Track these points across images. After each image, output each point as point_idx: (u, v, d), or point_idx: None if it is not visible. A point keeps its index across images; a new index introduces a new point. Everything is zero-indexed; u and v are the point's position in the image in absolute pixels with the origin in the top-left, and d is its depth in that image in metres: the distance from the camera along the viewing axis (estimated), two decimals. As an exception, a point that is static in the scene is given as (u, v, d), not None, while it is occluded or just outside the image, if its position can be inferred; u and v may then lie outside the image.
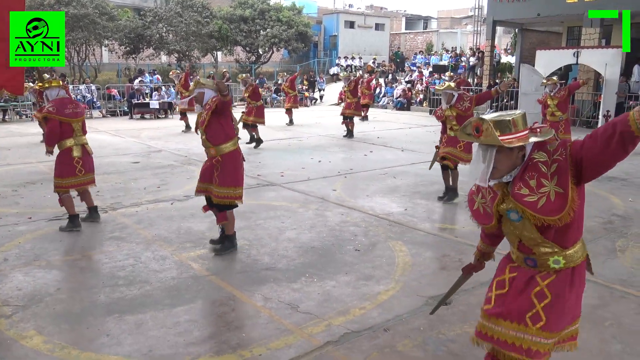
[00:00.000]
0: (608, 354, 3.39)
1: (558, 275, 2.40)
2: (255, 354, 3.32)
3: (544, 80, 9.47)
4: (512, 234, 2.47)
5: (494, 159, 2.30)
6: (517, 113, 2.34)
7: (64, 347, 3.39)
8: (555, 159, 2.27)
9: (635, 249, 5.35)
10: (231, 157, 4.96)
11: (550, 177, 2.26)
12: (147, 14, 24.86)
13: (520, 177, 2.34)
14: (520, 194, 2.31)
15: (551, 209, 2.25)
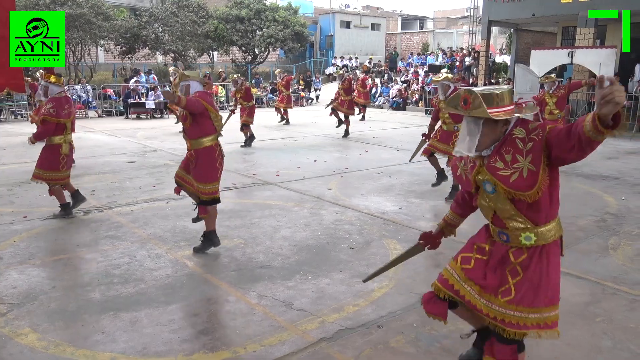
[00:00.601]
0: (599, 349, 3.43)
1: (529, 252, 2.50)
2: (249, 351, 3.34)
3: (542, 78, 9.51)
4: (487, 207, 2.56)
5: (480, 131, 2.39)
6: (505, 88, 2.41)
7: (58, 345, 3.41)
8: (532, 137, 2.36)
9: (627, 246, 5.40)
10: (205, 153, 4.88)
11: (525, 154, 2.35)
12: (142, 13, 24.81)
13: (497, 150, 2.43)
14: (494, 167, 2.41)
15: (522, 184, 2.35)
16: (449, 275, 2.70)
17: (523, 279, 2.51)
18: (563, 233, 2.64)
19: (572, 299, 4.15)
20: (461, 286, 2.64)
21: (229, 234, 5.65)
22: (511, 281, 2.51)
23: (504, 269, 2.55)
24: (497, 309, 2.54)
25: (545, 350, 3.40)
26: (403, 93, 22.73)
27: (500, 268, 2.56)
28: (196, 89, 4.89)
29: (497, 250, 2.60)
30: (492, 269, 2.58)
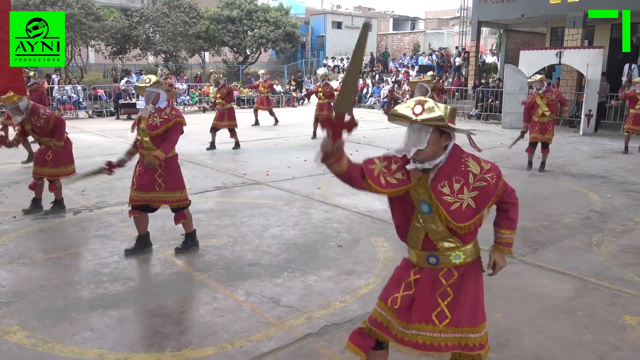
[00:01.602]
0: (580, 342, 3.51)
1: (459, 272, 2.50)
2: (237, 346, 3.39)
3: (530, 79, 9.43)
4: (419, 228, 2.46)
5: (427, 140, 2.33)
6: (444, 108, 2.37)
7: (47, 342, 3.44)
8: (485, 177, 2.39)
9: (610, 243, 5.49)
10: (174, 161, 4.97)
11: (470, 189, 2.37)
12: (133, 14, 24.75)
13: (447, 175, 2.38)
14: (441, 191, 2.37)
15: (460, 216, 2.36)
16: (378, 314, 2.61)
17: (454, 299, 2.48)
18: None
19: (554, 295, 4.24)
20: (390, 325, 2.56)
21: (218, 233, 5.69)
22: (442, 304, 2.48)
23: (434, 294, 2.49)
24: (440, 335, 2.48)
25: (527, 344, 3.48)
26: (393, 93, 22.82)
27: (431, 294, 2.50)
28: (164, 99, 4.91)
29: (426, 278, 2.51)
30: (420, 301, 2.50)
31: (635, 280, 4.52)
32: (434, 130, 2.34)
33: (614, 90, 15.52)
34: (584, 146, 12.67)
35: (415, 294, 2.50)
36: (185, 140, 12.75)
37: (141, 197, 4.94)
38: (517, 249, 5.27)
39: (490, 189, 2.39)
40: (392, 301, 2.54)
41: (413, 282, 2.53)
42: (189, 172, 8.92)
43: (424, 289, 2.49)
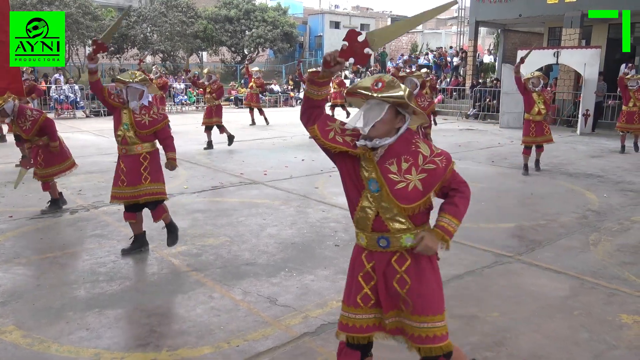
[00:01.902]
0: (576, 341, 3.51)
1: (412, 257, 2.43)
2: (233, 346, 3.39)
3: (528, 75, 9.28)
4: (369, 208, 2.41)
5: (382, 117, 2.31)
6: (404, 88, 2.34)
7: (43, 341, 3.43)
8: (434, 160, 2.35)
9: (607, 242, 5.50)
10: (157, 154, 5.01)
11: (419, 171, 2.33)
12: (131, 13, 24.74)
13: (397, 154, 2.35)
14: (388, 168, 2.34)
15: (404, 196, 2.32)
16: (348, 319, 2.53)
17: (414, 287, 2.42)
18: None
19: (551, 294, 4.24)
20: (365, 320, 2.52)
21: (215, 232, 5.69)
22: (402, 292, 2.42)
23: (392, 282, 2.45)
24: (407, 322, 2.46)
25: (523, 343, 3.48)
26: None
27: (389, 282, 2.46)
28: (147, 96, 4.93)
29: (380, 262, 2.46)
30: (381, 289, 2.47)
31: (632, 279, 4.53)
32: (390, 109, 2.32)
33: (611, 90, 15.54)
34: (581, 146, 12.70)
35: (377, 283, 2.48)
36: (183, 139, 12.76)
37: (130, 193, 4.89)
38: (514, 248, 5.29)
39: (439, 172, 2.34)
40: (364, 300, 2.49)
41: (371, 270, 2.48)
42: (186, 171, 8.93)
43: (381, 277, 2.46)
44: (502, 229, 5.94)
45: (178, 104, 21.87)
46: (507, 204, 7.01)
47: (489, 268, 4.76)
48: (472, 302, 4.07)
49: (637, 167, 9.58)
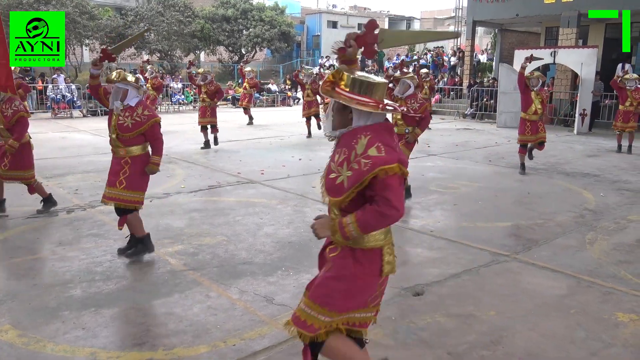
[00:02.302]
0: (572, 340, 3.51)
1: (342, 250, 2.40)
2: (229, 345, 3.38)
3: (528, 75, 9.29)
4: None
5: (333, 109, 2.38)
6: (381, 81, 2.30)
7: (39, 341, 3.42)
8: (359, 160, 2.24)
9: (603, 241, 5.51)
10: (140, 161, 4.76)
11: (348, 167, 2.27)
12: (128, 13, 24.73)
13: (342, 144, 2.35)
14: (333, 156, 2.40)
15: (331, 187, 2.35)
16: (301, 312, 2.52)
17: (323, 274, 2.44)
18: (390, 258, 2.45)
19: (548, 292, 4.25)
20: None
21: (212, 232, 5.68)
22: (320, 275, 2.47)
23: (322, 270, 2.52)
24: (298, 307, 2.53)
25: (519, 341, 3.48)
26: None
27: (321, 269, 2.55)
28: (133, 96, 4.69)
29: (323, 249, 2.58)
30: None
31: (628, 277, 4.54)
32: (336, 102, 2.36)
33: (608, 89, 15.56)
34: (578, 145, 12.72)
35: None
36: (180, 139, 12.75)
37: (107, 194, 4.79)
38: (511, 247, 5.30)
39: (358, 174, 2.22)
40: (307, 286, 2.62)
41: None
42: (184, 171, 8.92)
43: (320, 265, 2.59)
44: (499, 228, 5.95)
45: (175, 103, 21.84)
46: (504, 203, 7.02)
47: (486, 267, 4.76)
48: (469, 300, 4.07)
49: (633, 167, 9.61)
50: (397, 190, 2.22)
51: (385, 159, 2.19)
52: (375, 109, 2.23)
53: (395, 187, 2.22)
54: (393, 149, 2.25)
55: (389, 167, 2.18)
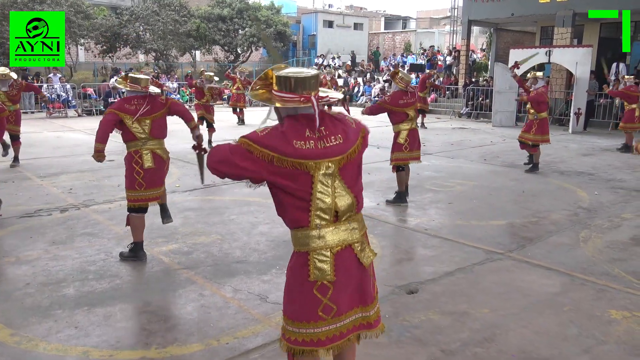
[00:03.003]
0: (565, 337, 3.52)
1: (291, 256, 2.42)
2: (223, 343, 3.37)
3: (529, 75, 9.33)
4: None
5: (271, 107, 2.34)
6: (311, 74, 2.22)
7: (31, 340, 3.40)
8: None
9: (597, 239, 5.53)
10: (125, 160, 4.97)
11: None
12: (123, 12, 24.63)
13: None
14: None
15: None
16: None
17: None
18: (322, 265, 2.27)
19: (541, 290, 4.25)
20: None
21: (207, 231, 5.67)
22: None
23: None
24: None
25: (512, 338, 3.49)
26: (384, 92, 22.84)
27: None
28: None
29: None
30: None
31: (621, 275, 4.55)
32: None
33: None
34: (573, 144, 12.75)
35: None
36: (176, 139, 12.70)
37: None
38: (505, 245, 5.31)
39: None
40: None
41: None
42: (179, 170, 8.90)
43: None
44: (494, 226, 5.96)
45: (171, 103, 21.78)
46: (499, 202, 7.03)
47: (480, 265, 4.77)
48: (462, 298, 4.07)
49: (627, 165, 9.63)
50: (225, 151, 2.23)
51: (253, 134, 2.21)
52: (298, 103, 2.17)
53: (226, 150, 2.23)
54: (282, 136, 2.17)
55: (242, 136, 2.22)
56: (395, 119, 6.73)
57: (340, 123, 2.31)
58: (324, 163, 2.19)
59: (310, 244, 2.26)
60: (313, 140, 2.18)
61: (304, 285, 2.28)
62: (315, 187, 2.19)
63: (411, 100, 6.65)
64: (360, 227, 2.35)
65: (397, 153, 6.80)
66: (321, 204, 2.21)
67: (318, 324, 2.29)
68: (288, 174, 2.18)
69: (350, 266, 2.30)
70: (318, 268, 2.25)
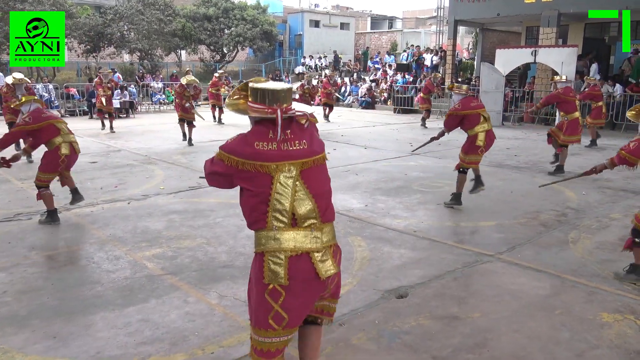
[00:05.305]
0: (557, 340, 3.46)
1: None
2: (207, 352, 3.26)
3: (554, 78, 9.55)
4: None
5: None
6: (282, 87, 2.40)
7: (6, 352, 3.26)
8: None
9: (586, 240, 5.50)
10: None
11: None
12: (107, 11, 24.28)
13: None
14: None
15: None
16: None
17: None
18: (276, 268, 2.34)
19: (532, 292, 4.20)
20: None
21: (192, 234, 5.54)
22: None
23: None
24: None
25: (504, 343, 3.42)
26: (371, 92, 22.81)
27: None
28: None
29: None
30: None
31: (611, 277, 4.51)
32: None
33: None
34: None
35: None
36: (160, 139, 12.55)
37: None
38: (494, 246, 5.26)
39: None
40: None
41: None
42: (163, 171, 8.75)
43: None
44: (483, 227, 5.91)
45: (156, 103, 21.57)
46: (488, 202, 6.99)
47: (470, 267, 4.71)
48: (452, 302, 4.00)
49: (614, 165, 9.65)
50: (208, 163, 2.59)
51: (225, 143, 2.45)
52: (264, 113, 2.36)
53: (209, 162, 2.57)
54: (244, 140, 2.38)
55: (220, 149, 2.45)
56: (470, 123, 6.67)
57: (308, 131, 2.44)
58: (285, 165, 2.31)
59: (266, 244, 2.35)
60: (276, 143, 2.32)
61: (258, 287, 2.38)
62: (274, 188, 2.30)
63: (480, 102, 6.86)
64: (325, 238, 2.39)
65: (473, 156, 6.73)
66: (278, 204, 2.30)
67: (269, 333, 2.40)
68: (252, 177, 2.33)
69: (305, 276, 2.35)
70: (271, 270, 2.32)
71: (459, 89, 6.86)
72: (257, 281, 2.39)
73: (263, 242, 2.36)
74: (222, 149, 2.40)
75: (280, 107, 2.35)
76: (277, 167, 2.30)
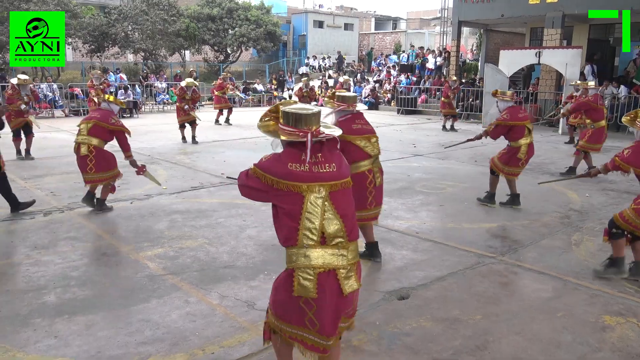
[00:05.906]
0: (558, 343, 3.45)
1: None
2: (208, 353, 3.26)
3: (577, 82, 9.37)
4: None
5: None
6: (311, 111, 2.51)
7: (7, 351, 3.27)
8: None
9: (589, 242, 5.47)
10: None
11: None
12: (111, 11, 24.34)
13: None
14: None
15: None
16: None
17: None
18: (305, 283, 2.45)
19: (533, 294, 4.19)
20: None
21: (194, 234, 5.55)
22: None
23: None
24: None
25: (505, 345, 3.41)
26: (374, 92, 22.79)
27: None
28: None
29: None
30: None
31: (614, 279, 4.49)
32: None
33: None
34: (562, 145, 12.75)
35: None
36: (164, 139, 12.56)
37: None
38: (497, 248, 5.24)
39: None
40: None
41: None
42: (166, 172, 8.76)
43: None
44: (485, 229, 5.89)
45: (160, 103, 21.61)
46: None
47: (472, 269, 4.69)
48: (454, 304, 3.99)
49: (617, 167, 9.61)
50: (243, 176, 2.66)
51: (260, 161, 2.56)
52: (297, 137, 2.47)
53: (244, 175, 2.65)
54: (278, 160, 2.50)
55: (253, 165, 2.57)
56: (515, 135, 6.56)
57: (337, 154, 2.60)
58: (316, 186, 2.44)
59: (296, 261, 2.46)
60: (308, 165, 2.45)
61: (290, 297, 2.48)
62: (305, 207, 2.43)
63: (526, 113, 6.72)
64: (351, 255, 2.51)
65: (514, 168, 6.64)
66: (309, 223, 2.42)
67: (305, 329, 2.52)
68: (284, 195, 2.45)
69: (332, 291, 2.48)
70: (302, 285, 2.45)
71: (503, 95, 6.74)
72: (288, 293, 2.50)
73: (294, 259, 2.47)
74: (258, 167, 2.51)
75: (311, 130, 2.47)
76: (308, 187, 2.42)
